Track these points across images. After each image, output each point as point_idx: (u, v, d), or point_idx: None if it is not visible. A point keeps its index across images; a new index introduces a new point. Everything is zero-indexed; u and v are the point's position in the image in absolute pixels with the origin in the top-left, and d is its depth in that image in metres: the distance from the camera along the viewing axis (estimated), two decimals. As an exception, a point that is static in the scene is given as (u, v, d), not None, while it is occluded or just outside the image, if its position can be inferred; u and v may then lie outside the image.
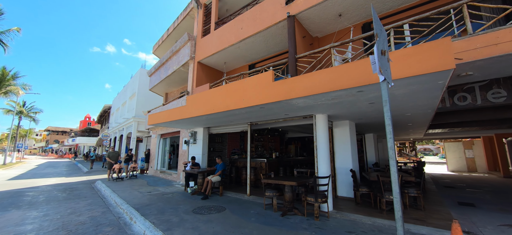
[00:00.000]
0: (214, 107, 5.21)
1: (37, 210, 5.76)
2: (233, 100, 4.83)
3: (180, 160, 9.71)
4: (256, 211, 5.18)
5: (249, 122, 6.98)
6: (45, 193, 8.02)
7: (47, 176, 13.43)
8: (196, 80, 9.33)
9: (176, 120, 6.57)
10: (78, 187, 9.20)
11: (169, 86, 13.44)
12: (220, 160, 7.13)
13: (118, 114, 25.60)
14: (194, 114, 5.84)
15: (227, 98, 4.98)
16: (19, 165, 22.92)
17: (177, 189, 8.10)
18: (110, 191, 7.71)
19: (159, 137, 13.14)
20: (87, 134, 45.42)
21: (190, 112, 5.97)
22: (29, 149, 71.30)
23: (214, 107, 5.22)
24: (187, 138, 9.38)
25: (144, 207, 5.55)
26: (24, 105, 27.13)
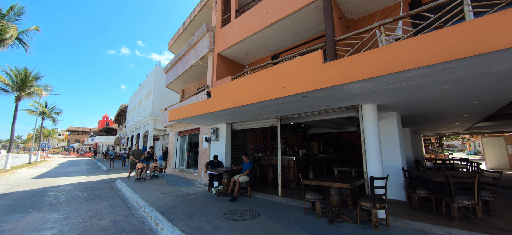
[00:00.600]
0: (246, 98, 4.56)
1: (57, 212, 5.42)
2: (270, 89, 4.15)
3: (201, 158, 9.21)
4: (296, 217, 4.49)
5: (279, 116, 6.28)
6: (66, 192, 7.80)
7: (69, 174, 13.50)
8: (216, 74, 8.75)
9: (199, 114, 6.00)
10: (98, 187, 8.97)
11: (185, 82, 13.01)
12: (247, 158, 6.50)
13: (135, 113, 25.81)
14: (221, 107, 5.23)
15: (262, 87, 4.30)
16: (43, 163, 23.69)
17: (200, 189, 7.59)
18: (131, 191, 7.32)
19: (176, 134, 12.78)
20: (105, 133, 46.72)
21: (216, 105, 5.36)
22: (52, 148, 75.01)
23: (245, 98, 4.57)
24: (208, 135, 8.85)
25: (169, 211, 5.03)
26: (46, 106, 28.06)
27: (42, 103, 27.14)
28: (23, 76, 16.46)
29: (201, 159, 9.20)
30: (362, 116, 4.77)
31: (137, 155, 9.98)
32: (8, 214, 5.26)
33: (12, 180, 10.97)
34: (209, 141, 8.54)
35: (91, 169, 17.37)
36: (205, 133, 9.13)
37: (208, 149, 8.76)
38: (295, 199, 5.83)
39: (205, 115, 6.15)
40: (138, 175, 9.32)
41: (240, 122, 7.54)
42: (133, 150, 10.08)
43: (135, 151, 10.02)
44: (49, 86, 18.56)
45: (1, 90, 15.80)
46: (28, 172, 15.02)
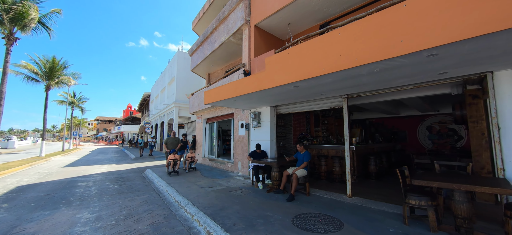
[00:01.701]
0: (325, 65, 3.24)
1: (88, 209, 4.66)
2: (371, 47, 2.79)
3: (236, 146, 8.16)
4: (398, 229, 3.23)
5: (346, 94, 4.91)
6: (96, 183, 7.21)
7: (99, 162, 13.35)
8: (254, 49, 7.47)
9: (245, 94, 4.81)
10: (129, 177, 8.36)
11: (212, 64, 11.91)
12: (302, 147, 5.27)
13: (158, 101, 25.64)
14: (279, 82, 3.98)
15: (355, 46, 2.94)
16: (75, 151, 24.57)
17: (241, 182, 6.57)
18: (164, 183, 6.50)
19: (204, 121, 11.89)
20: (130, 122, 48.24)
21: (272, 79, 4.12)
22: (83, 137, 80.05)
23: (324, 65, 3.26)
24: (245, 121, 7.74)
25: (219, 213, 4.01)
26: (74, 96, 28.91)
27: (71, 93, 27.95)
28: (51, 65, 16.48)
29: (236, 148, 8.16)
30: (493, 88, 3.27)
31: (171, 144, 8.50)
32: (35, 211, 4.59)
33: (46, 168, 10.87)
34: (247, 128, 7.43)
35: (120, 157, 17.36)
36: (241, 119, 8.02)
37: (246, 136, 7.67)
38: (371, 200, 4.55)
39: (253, 95, 4.95)
40: (171, 167, 7.79)
41: (288, 104, 6.27)
42: (167, 138, 8.62)
43: (169, 140, 8.53)
44: (76, 74, 18.61)
45: (32, 80, 15.95)
46: (61, 159, 15.22)
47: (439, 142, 11.83)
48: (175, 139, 8.63)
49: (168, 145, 8.45)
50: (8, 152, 22.78)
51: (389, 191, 5.31)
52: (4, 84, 9.87)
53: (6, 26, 9.98)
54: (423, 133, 12.28)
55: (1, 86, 9.80)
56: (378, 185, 5.91)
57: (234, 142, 8.38)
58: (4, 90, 9.86)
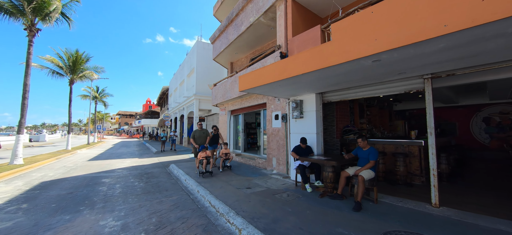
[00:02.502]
0: (460, 17, 2.12)
1: (112, 213, 3.98)
2: None
3: (271, 141, 7.22)
4: None
5: (428, 74, 3.72)
6: (121, 180, 6.66)
7: (122, 156, 13.14)
8: (292, 27, 6.38)
9: (299, 74, 3.77)
10: (153, 173, 7.78)
11: (236, 51, 10.97)
12: (364, 141, 4.20)
13: (177, 94, 25.37)
14: (356, 54, 2.89)
15: None
16: (99, 144, 25.17)
17: (281, 182, 5.65)
18: (194, 183, 5.74)
19: (229, 113, 11.08)
20: (149, 116, 49.26)
21: (344, 51, 3.03)
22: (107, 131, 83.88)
23: (460, 17, 2.13)
24: (281, 112, 6.75)
25: (273, 227, 3.11)
26: (97, 90, 29.56)
27: (94, 88, 28.58)
28: (74, 58, 16.50)
29: (270, 142, 7.22)
30: None
31: (199, 138, 7.18)
32: (55, 214, 3.99)
33: (71, 162, 10.71)
34: (284, 119, 6.44)
35: (142, 150, 17.24)
36: (276, 109, 7.04)
37: (282, 129, 6.70)
38: (470, 212, 3.41)
39: (305, 77, 3.91)
40: (204, 167, 6.36)
41: (342, 90, 5.13)
42: (194, 131, 7.33)
43: (197, 133, 7.26)
44: (99, 68, 18.62)
45: (56, 74, 16.07)
46: (86, 153, 15.30)
47: (499, 136, 10.11)
48: (203, 132, 7.39)
49: (196, 139, 7.16)
50: (39, 145, 23.81)
51: (491, 199, 4.10)
52: (28, 77, 9.67)
53: (28, 17, 9.71)
54: (478, 125, 10.58)
55: (24, 79, 9.62)
56: (465, 190, 4.69)
57: (267, 135, 7.44)
58: (28, 83, 9.67)
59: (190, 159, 11.00)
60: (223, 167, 7.33)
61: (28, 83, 9.75)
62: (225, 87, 10.14)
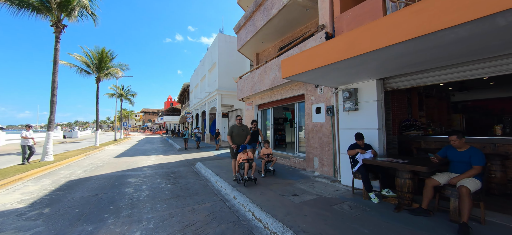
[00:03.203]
0: None
1: (140, 224, 3.34)
2: None
3: (312, 137, 6.24)
4: None
5: None
6: (147, 180, 6.15)
7: (147, 153, 12.98)
8: (340, 2, 5.30)
9: (376, 49, 2.76)
10: (180, 172, 7.23)
11: (264, 40, 10.04)
12: (462, 140, 3.09)
13: (198, 90, 25.17)
14: (472, 15, 1.85)
15: None
16: (125, 140, 25.89)
17: (331, 187, 4.70)
18: (228, 186, 4.99)
19: (256, 108, 10.25)
20: (171, 113, 50.36)
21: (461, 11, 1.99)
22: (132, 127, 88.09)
23: None
24: (325, 104, 5.75)
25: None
26: (123, 88, 30.46)
27: (119, 86, 29.45)
28: (100, 56, 16.73)
29: (311, 139, 6.24)
30: None
31: (238, 136, 5.58)
32: (77, 223, 3.44)
33: (98, 159, 10.64)
34: (331, 112, 5.43)
35: (165, 147, 17.16)
36: (317, 101, 6.04)
37: (327, 124, 5.70)
38: None
39: (374, 55, 2.90)
40: (246, 173, 4.91)
41: (414, 73, 3.97)
42: (232, 127, 5.68)
43: (236, 129, 5.64)
44: (124, 65, 18.82)
45: (84, 72, 16.41)
46: (113, 149, 15.47)
47: None
48: (243, 128, 5.69)
49: (233, 137, 5.59)
50: (72, 141, 25.07)
51: None
52: (56, 74, 9.65)
53: (54, 14, 9.64)
54: None
55: (53, 76, 9.60)
56: None
57: (306, 131, 6.47)
58: (56, 80, 9.66)
59: (215, 156, 10.40)
60: (266, 170, 5.94)
61: (56, 80, 9.72)
62: (253, 79, 9.30)
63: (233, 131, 5.63)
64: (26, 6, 9.26)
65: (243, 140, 5.64)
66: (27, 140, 8.63)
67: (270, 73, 7.87)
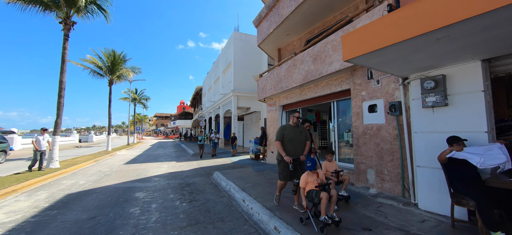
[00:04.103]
0: None
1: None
2: None
3: (364, 143, 4.88)
4: None
5: None
6: (157, 195, 5.04)
7: (159, 159, 12.06)
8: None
9: None
10: (196, 183, 6.09)
11: (288, 33, 8.84)
12: None
13: (211, 93, 24.34)
14: None
15: None
16: (138, 145, 25.43)
17: (408, 214, 3.34)
18: (262, 210, 3.76)
19: (280, 109, 9.01)
20: (183, 117, 50.21)
21: None
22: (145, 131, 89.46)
23: None
24: (385, 99, 4.41)
25: None
26: (136, 92, 30.31)
27: (133, 90, 29.31)
28: (113, 58, 16.25)
29: (362, 146, 4.88)
30: None
31: (293, 143, 3.66)
32: (54, 273, 2.32)
33: (108, 165, 9.78)
34: (396, 110, 4.08)
35: (178, 152, 16.26)
36: (370, 97, 4.70)
37: (389, 126, 4.34)
38: None
39: None
40: (323, 211, 2.82)
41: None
42: (284, 128, 3.77)
43: (291, 131, 3.70)
44: (136, 68, 18.29)
45: (97, 74, 15.96)
46: (125, 154, 14.74)
47: None
48: (299, 129, 3.74)
49: (286, 142, 3.64)
50: (87, 145, 24.94)
51: None
52: (63, 74, 8.95)
53: (63, 10, 8.99)
54: None
55: (60, 76, 8.91)
56: None
57: (355, 136, 5.09)
58: (63, 80, 8.95)
59: (233, 164, 9.21)
60: (339, 198, 3.75)
61: (64, 81, 9.01)
62: (278, 76, 8.09)
63: (286, 134, 3.65)
64: (34, 3, 8.67)
65: (302, 148, 3.66)
66: (40, 145, 7.84)
67: (302, 67, 6.62)
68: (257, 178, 6.17)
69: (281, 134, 3.72)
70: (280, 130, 3.78)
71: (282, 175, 3.74)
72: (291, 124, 3.82)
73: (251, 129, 18.21)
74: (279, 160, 3.76)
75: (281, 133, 3.72)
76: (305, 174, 3.20)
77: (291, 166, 3.49)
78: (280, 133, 3.73)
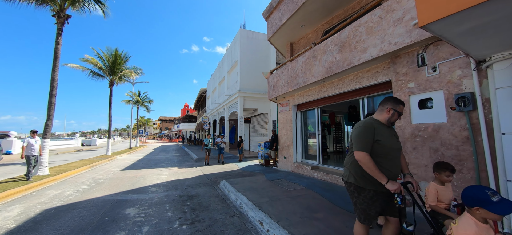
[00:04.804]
0: None
1: None
2: None
3: (415, 148, 3.82)
4: None
5: None
6: (152, 212, 4.07)
7: (160, 164, 11.14)
8: None
9: None
10: (199, 196, 5.11)
11: (302, 24, 7.89)
12: None
13: (215, 95, 23.48)
14: None
15: None
16: (140, 148, 24.66)
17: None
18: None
19: (294, 109, 8.01)
20: (187, 120, 49.52)
21: None
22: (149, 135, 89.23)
23: None
24: (447, 92, 3.38)
25: None
26: (139, 95, 29.71)
27: (136, 92, 28.72)
28: (113, 58, 15.55)
29: (413, 151, 3.82)
30: None
31: (389, 155, 1.97)
32: None
33: (103, 171, 8.90)
34: (468, 105, 3.04)
35: (181, 156, 15.35)
36: (420, 89, 3.68)
37: (460, 126, 3.30)
38: None
39: None
40: None
41: None
42: (370, 125, 2.00)
43: (383, 131, 2.01)
44: (138, 69, 17.54)
45: (97, 75, 15.25)
46: (124, 159, 13.89)
47: None
48: (393, 132, 2.13)
49: (381, 158, 1.95)
50: (89, 149, 24.29)
51: None
52: (56, 71, 8.16)
53: (57, 2, 8.24)
54: None
55: (52, 74, 8.12)
56: None
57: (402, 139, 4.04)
58: (56, 78, 8.16)
59: (241, 171, 8.21)
60: None
61: (56, 79, 8.20)
62: (293, 71, 7.11)
63: (380, 139, 1.97)
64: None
65: (399, 163, 2.07)
66: (33, 149, 6.96)
67: (324, 58, 5.63)
68: (272, 190, 5.16)
69: (369, 138, 1.95)
70: (365, 131, 1.98)
71: (366, 214, 2.02)
72: (381, 121, 2.07)
73: (258, 132, 17.21)
74: (362, 187, 2.00)
75: (369, 137, 1.95)
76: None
77: (399, 199, 1.83)
78: (367, 136, 1.95)
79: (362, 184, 2.00)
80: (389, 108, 2.05)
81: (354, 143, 2.01)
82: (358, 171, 2.02)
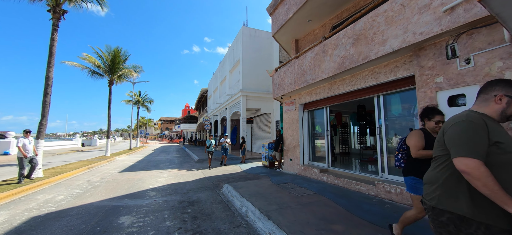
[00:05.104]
0: None
1: None
2: None
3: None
4: None
5: None
6: (149, 222, 3.67)
7: (159, 165, 10.77)
8: None
9: None
10: (201, 202, 4.71)
11: (309, 19, 7.50)
12: None
13: (217, 95, 23.09)
14: None
15: None
16: (141, 149, 24.31)
17: None
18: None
19: (301, 109, 7.60)
20: (188, 120, 49.24)
21: None
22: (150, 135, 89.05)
23: None
24: (471, 85, 2.96)
25: None
26: (139, 94, 29.39)
27: (136, 92, 28.42)
28: (113, 57, 15.19)
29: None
30: None
31: None
32: None
33: (100, 174, 8.52)
34: (511, 101, 2.62)
35: (182, 157, 14.97)
36: (451, 83, 3.26)
37: (488, 126, 2.87)
38: None
39: None
40: None
41: None
42: (486, 123, 1.23)
43: (502, 132, 1.26)
44: (138, 67, 17.17)
45: (96, 74, 14.90)
46: (123, 160, 13.52)
47: None
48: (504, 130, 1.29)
49: (501, 169, 1.18)
50: (88, 149, 23.98)
51: None
52: (51, 69, 7.80)
53: (52, -5, 7.89)
54: None
55: (47, 71, 7.76)
56: None
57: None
58: (51, 76, 7.80)
59: (245, 173, 7.80)
60: None
61: (51, 76, 7.84)
62: (301, 68, 6.70)
63: (500, 143, 1.22)
64: (19, -13, 7.59)
65: None
66: (27, 150, 6.61)
67: (336, 52, 5.22)
68: (280, 196, 4.75)
69: (483, 139, 1.23)
70: (474, 128, 1.25)
71: None
72: (489, 116, 1.33)
73: (261, 133, 16.81)
74: (468, 218, 1.20)
75: (483, 137, 1.23)
76: None
77: None
78: (480, 137, 1.23)
79: (469, 213, 1.20)
80: (501, 95, 1.30)
81: (454, 146, 1.27)
82: (460, 192, 1.26)
